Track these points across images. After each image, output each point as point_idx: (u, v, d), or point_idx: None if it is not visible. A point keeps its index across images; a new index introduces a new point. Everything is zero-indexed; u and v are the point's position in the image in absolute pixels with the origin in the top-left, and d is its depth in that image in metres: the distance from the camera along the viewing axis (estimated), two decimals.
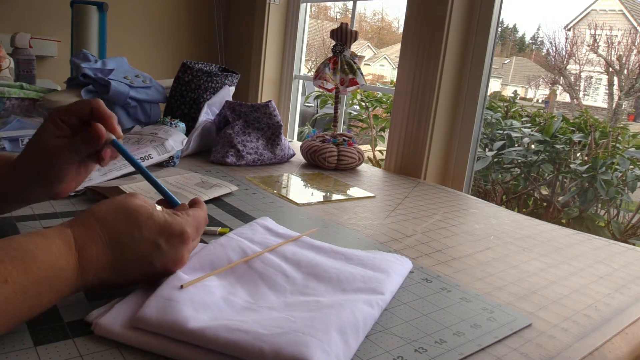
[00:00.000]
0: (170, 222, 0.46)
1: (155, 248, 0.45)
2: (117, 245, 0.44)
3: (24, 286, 0.37)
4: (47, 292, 0.39)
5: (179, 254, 0.47)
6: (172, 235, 0.46)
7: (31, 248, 0.39)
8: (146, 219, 0.45)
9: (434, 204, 0.99)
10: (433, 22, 1.24)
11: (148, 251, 0.45)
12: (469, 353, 0.46)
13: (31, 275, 0.37)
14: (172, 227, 0.46)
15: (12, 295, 0.36)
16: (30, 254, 0.38)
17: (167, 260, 0.47)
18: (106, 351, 0.41)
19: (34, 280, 0.38)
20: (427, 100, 1.26)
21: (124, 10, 1.90)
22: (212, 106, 1.22)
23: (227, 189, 0.88)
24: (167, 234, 0.46)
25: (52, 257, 0.39)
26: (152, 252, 0.45)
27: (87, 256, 0.42)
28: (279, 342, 0.39)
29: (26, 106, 1.13)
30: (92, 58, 1.24)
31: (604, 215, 2.57)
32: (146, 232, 0.45)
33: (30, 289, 0.37)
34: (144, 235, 0.45)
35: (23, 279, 0.37)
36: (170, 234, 0.46)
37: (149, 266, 0.46)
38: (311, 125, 3.74)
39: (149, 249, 0.45)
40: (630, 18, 9.68)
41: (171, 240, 0.46)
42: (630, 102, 7.31)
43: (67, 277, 0.41)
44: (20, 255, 0.38)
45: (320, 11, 12.84)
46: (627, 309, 0.59)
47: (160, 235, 0.46)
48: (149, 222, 0.45)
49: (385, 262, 0.59)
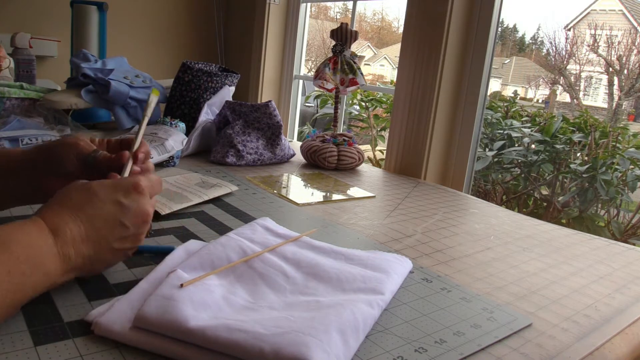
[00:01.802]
0: (120, 181, 0.50)
1: (117, 205, 0.47)
2: (84, 216, 0.46)
3: (6, 265, 0.38)
4: (31, 270, 0.40)
5: (142, 206, 0.49)
6: (127, 190, 0.49)
7: (7, 231, 0.41)
8: (97, 185, 0.48)
9: (434, 204, 0.99)
10: (433, 22, 1.24)
11: (113, 211, 0.47)
12: (469, 353, 0.46)
13: (11, 254, 0.39)
14: (123, 182, 0.49)
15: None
16: (6, 236, 0.40)
17: (134, 215, 0.48)
18: (106, 351, 0.41)
19: (15, 259, 0.39)
20: (427, 100, 1.26)
21: (124, 10, 1.90)
22: (212, 106, 1.22)
23: (227, 189, 0.88)
24: (122, 189, 0.48)
25: (29, 237, 0.41)
26: (116, 211, 0.47)
27: (61, 234, 0.44)
28: (279, 342, 0.39)
29: (26, 106, 1.13)
30: (92, 58, 1.24)
31: (604, 215, 2.57)
32: (102, 194, 0.47)
33: (14, 268, 0.39)
34: (102, 198, 0.47)
35: (5, 259, 0.39)
36: (125, 188, 0.49)
37: (121, 227, 0.48)
38: (311, 125, 3.74)
39: (113, 208, 0.47)
40: (630, 18, 9.68)
41: (128, 194, 0.48)
42: (630, 102, 7.32)
43: (48, 255, 0.42)
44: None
45: (320, 11, 12.85)
46: (627, 309, 0.59)
47: (116, 192, 0.48)
48: (101, 186, 0.48)
49: (386, 262, 0.59)
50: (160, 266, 0.52)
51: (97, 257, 0.47)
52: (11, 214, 0.67)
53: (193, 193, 0.82)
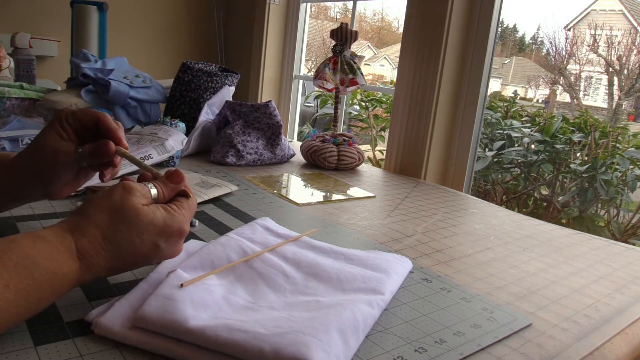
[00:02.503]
0: (169, 224, 0.47)
1: (154, 249, 0.46)
2: (118, 252, 0.44)
3: (26, 291, 0.37)
4: (48, 295, 0.40)
5: (176, 250, 0.49)
6: (171, 235, 0.47)
7: (33, 254, 0.39)
8: (146, 224, 0.45)
9: (434, 204, 0.99)
10: (433, 22, 1.24)
11: (147, 252, 0.46)
12: (469, 353, 0.46)
13: (33, 281, 0.38)
14: (172, 228, 0.47)
15: (14, 299, 0.36)
16: (32, 260, 0.38)
17: (164, 256, 0.48)
18: (106, 351, 0.41)
19: (35, 286, 0.38)
20: (427, 100, 1.26)
21: (124, 10, 1.90)
22: (212, 106, 1.22)
23: (227, 189, 0.88)
24: (167, 235, 0.47)
25: (55, 264, 0.40)
26: (151, 252, 0.46)
27: (88, 263, 0.42)
28: (279, 342, 0.39)
29: (26, 106, 1.13)
30: (92, 58, 1.24)
31: (604, 215, 2.57)
32: (147, 236, 0.45)
33: (32, 293, 0.38)
34: (145, 240, 0.45)
35: (25, 285, 0.37)
36: (170, 234, 0.47)
37: (146, 262, 0.47)
38: (311, 125, 3.74)
39: (149, 250, 0.46)
40: (630, 18, 9.68)
41: (170, 239, 0.47)
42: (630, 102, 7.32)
43: (68, 281, 0.41)
44: (23, 261, 0.38)
45: (320, 11, 12.85)
46: (627, 309, 0.59)
47: (160, 236, 0.46)
48: (149, 227, 0.45)
49: (385, 262, 0.59)
50: (160, 266, 0.52)
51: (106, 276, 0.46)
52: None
53: (193, 193, 0.82)
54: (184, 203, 0.50)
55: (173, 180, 0.51)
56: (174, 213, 0.48)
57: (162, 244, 0.46)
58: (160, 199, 0.49)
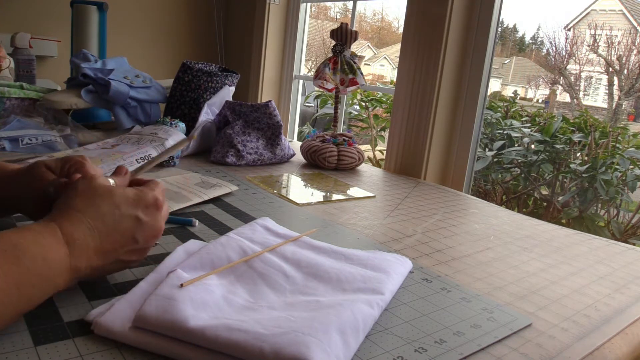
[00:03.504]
0: (143, 195, 0.49)
1: (136, 221, 0.47)
2: (103, 228, 0.45)
3: (16, 278, 0.38)
4: (40, 283, 0.40)
5: (157, 223, 0.50)
6: (147, 205, 0.49)
7: (21, 242, 0.39)
8: (120, 196, 0.47)
9: (434, 204, 0.99)
10: (433, 22, 1.24)
11: (130, 226, 0.47)
12: (469, 353, 0.46)
13: (23, 267, 0.38)
14: (146, 198, 0.49)
15: (6, 287, 0.37)
16: (20, 247, 0.39)
17: (147, 231, 0.49)
18: (106, 351, 0.41)
19: (26, 272, 0.38)
20: (427, 100, 1.26)
21: (124, 10, 1.90)
22: (212, 106, 1.22)
23: (227, 189, 0.88)
24: (143, 204, 0.48)
25: (42, 249, 0.40)
26: (133, 226, 0.47)
27: (76, 245, 0.43)
28: (279, 342, 0.39)
29: (26, 106, 1.13)
30: (92, 58, 1.24)
31: (604, 215, 2.57)
32: (124, 208, 0.47)
33: (24, 281, 0.38)
34: (124, 212, 0.47)
35: (15, 271, 0.38)
36: (146, 204, 0.48)
37: (133, 241, 0.48)
38: (311, 125, 3.74)
39: (131, 223, 0.47)
40: (630, 18, 9.68)
41: (148, 210, 0.49)
42: (630, 102, 7.32)
43: (59, 267, 0.41)
44: (11, 249, 0.38)
45: (320, 11, 12.85)
46: (627, 309, 0.59)
47: (137, 207, 0.48)
48: (124, 199, 0.47)
49: (385, 262, 0.59)
50: (160, 266, 0.52)
51: (104, 268, 0.47)
52: None
53: (193, 193, 0.82)
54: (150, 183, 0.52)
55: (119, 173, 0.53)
56: (141, 188, 0.50)
57: (141, 215, 0.48)
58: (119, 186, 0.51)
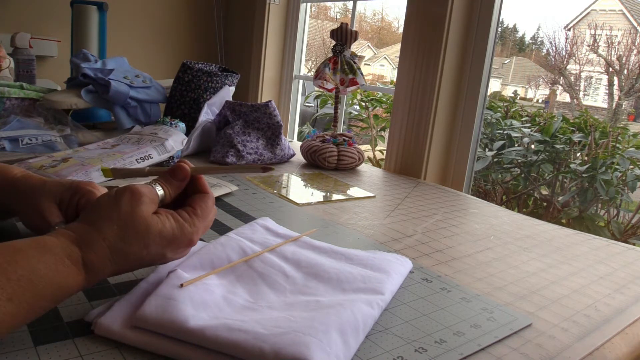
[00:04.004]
0: (178, 236, 0.45)
1: (160, 258, 0.46)
2: (124, 263, 0.43)
3: (29, 303, 0.37)
4: (50, 305, 0.39)
5: (182, 257, 0.49)
6: (179, 247, 0.46)
7: (39, 267, 0.38)
8: (155, 236, 0.44)
9: (434, 204, 0.99)
10: (433, 22, 1.24)
11: (151, 260, 0.46)
12: (469, 353, 0.46)
13: (37, 293, 0.37)
14: (180, 240, 0.46)
15: (16, 312, 0.36)
16: (37, 274, 0.37)
17: (168, 261, 0.48)
18: (106, 351, 0.41)
19: (39, 298, 0.37)
20: (427, 100, 1.26)
21: (124, 10, 1.90)
22: (212, 106, 1.22)
23: (227, 189, 0.88)
24: (174, 246, 0.46)
25: (60, 277, 0.39)
26: (155, 260, 0.46)
27: (94, 273, 0.42)
28: (279, 342, 0.39)
29: (26, 106, 1.13)
30: (92, 58, 1.24)
31: (604, 215, 2.57)
32: (154, 248, 0.44)
33: (36, 305, 0.37)
34: (151, 252, 0.44)
35: (29, 297, 0.36)
36: (177, 245, 0.46)
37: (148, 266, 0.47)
38: (311, 125, 3.74)
39: (153, 259, 0.46)
40: (630, 18, 9.68)
41: (178, 250, 0.47)
42: (630, 102, 7.32)
43: (71, 292, 0.41)
44: (27, 275, 0.37)
45: (320, 11, 12.85)
46: (627, 309, 0.59)
47: (168, 247, 0.45)
48: (157, 239, 0.44)
49: (386, 262, 0.59)
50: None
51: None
52: None
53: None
54: (198, 210, 0.47)
55: (176, 177, 0.48)
56: (184, 224, 0.46)
57: (168, 253, 0.46)
58: (167, 199, 0.47)
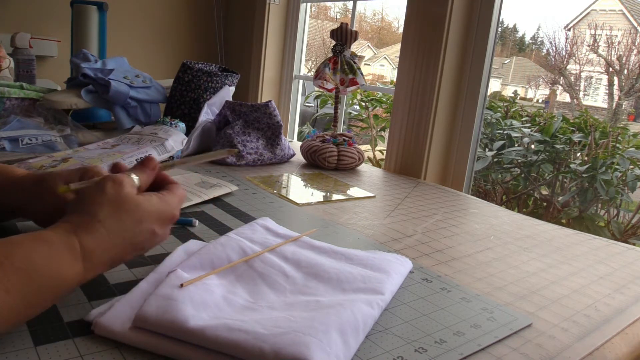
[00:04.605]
0: (163, 209, 0.49)
1: (151, 234, 0.48)
2: (121, 242, 0.45)
3: (26, 296, 0.37)
4: (49, 298, 0.39)
5: (167, 234, 0.51)
6: (165, 221, 0.49)
7: (35, 259, 0.38)
8: (145, 211, 0.47)
9: (434, 204, 0.99)
10: (433, 22, 1.24)
11: (144, 239, 0.47)
12: (469, 353, 0.46)
13: (34, 285, 0.37)
14: (166, 214, 0.49)
15: (13, 303, 0.36)
16: (34, 266, 0.38)
17: (156, 242, 0.49)
18: (106, 351, 0.41)
19: (37, 290, 0.38)
20: (427, 100, 1.26)
21: (124, 10, 1.90)
22: (212, 106, 1.22)
23: (227, 189, 0.88)
24: (161, 221, 0.49)
25: (57, 267, 0.39)
26: (147, 238, 0.48)
27: (92, 260, 0.42)
28: (279, 342, 0.39)
29: (26, 106, 1.13)
30: (92, 58, 1.24)
31: (604, 215, 2.57)
32: (145, 224, 0.47)
33: (33, 298, 0.38)
34: (143, 228, 0.47)
35: (26, 290, 0.37)
36: (164, 220, 0.49)
37: (140, 250, 0.48)
38: (311, 125, 3.74)
39: (146, 236, 0.47)
40: (630, 18, 9.68)
41: (164, 225, 0.49)
42: (630, 102, 7.32)
43: (71, 284, 0.41)
44: (25, 267, 0.37)
45: (320, 11, 12.85)
46: (627, 309, 0.59)
47: (156, 223, 0.48)
48: (147, 214, 0.47)
49: (386, 262, 0.59)
50: (160, 266, 0.52)
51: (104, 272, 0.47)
52: None
53: (193, 193, 0.82)
54: (173, 188, 0.52)
55: (148, 166, 0.52)
56: (165, 199, 0.50)
57: (157, 229, 0.48)
58: (143, 186, 0.50)
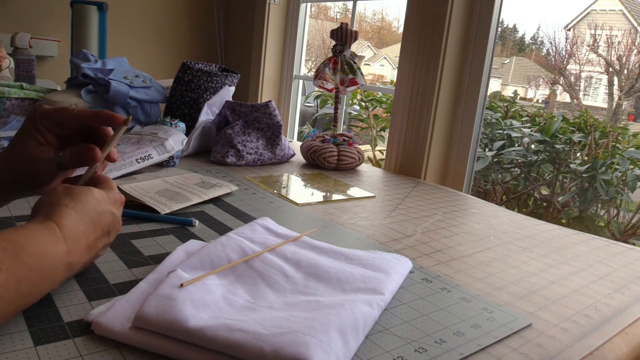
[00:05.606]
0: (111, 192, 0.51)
1: (112, 216, 0.50)
2: (90, 223, 0.46)
3: (17, 274, 0.38)
4: (39, 279, 0.40)
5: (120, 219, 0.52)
6: (116, 202, 0.51)
7: (20, 239, 0.40)
8: (98, 194, 0.49)
9: (434, 204, 0.99)
10: (433, 22, 1.24)
11: (108, 221, 0.49)
12: (469, 353, 0.46)
13: (23, 264, 0.39)
14: (116, 196, 0.51)
15: (6, 282, 0.37)
16: (19, 244, 0.39)
17: (117, 225, 0.51)
18: (106, 351, 0.41)
19: (26, 269, 0.39)
20: (427, 100, 1.26)
21: (124, 10, 1.90)
22: (212, 106, 1.22)
23: (227, 189, 0.88)
24: (113, 201, 0.50)
25: (41, 246, 0.41)
26: (110, 221, 0.49)
27: (72, 241, 0.44)
28: (279, 342, 0.39)
29: (26, 106, 1.12)
30: (92, 58, 1.24)
31: (604, 215, 2.57)
32: (104, 204, 0.49)
33: (23, 277, 0.39)
34: (104, 208, 0.49)
35: (15, 268, 0.38)
36: (115, 201, 0.51)
37: (108, 236, 0.50)
38: (311, 125, 3.74)
39: (109, 218, 0.49)
40: (630, 18, 9.68)
41: (118, 206, 0.51)
42: (630, 102, 7.32)
43: (57, 264, 0.42)
44: (11, 247, 0.39)
45: (320, 11, 12.85)
46: (627, 309, 0.59)
47: (113, 204, 0.50)
48: (101, 196, 0.49)
49: (386, 262, 0.59)
50: (160, 266, 0.52)
51: (86, 264, 0.48)
52: (11, 214, 0.67)
53: (193, 193, 0.82)
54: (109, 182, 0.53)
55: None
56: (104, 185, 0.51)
57: (115, 210, 0.50)
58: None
